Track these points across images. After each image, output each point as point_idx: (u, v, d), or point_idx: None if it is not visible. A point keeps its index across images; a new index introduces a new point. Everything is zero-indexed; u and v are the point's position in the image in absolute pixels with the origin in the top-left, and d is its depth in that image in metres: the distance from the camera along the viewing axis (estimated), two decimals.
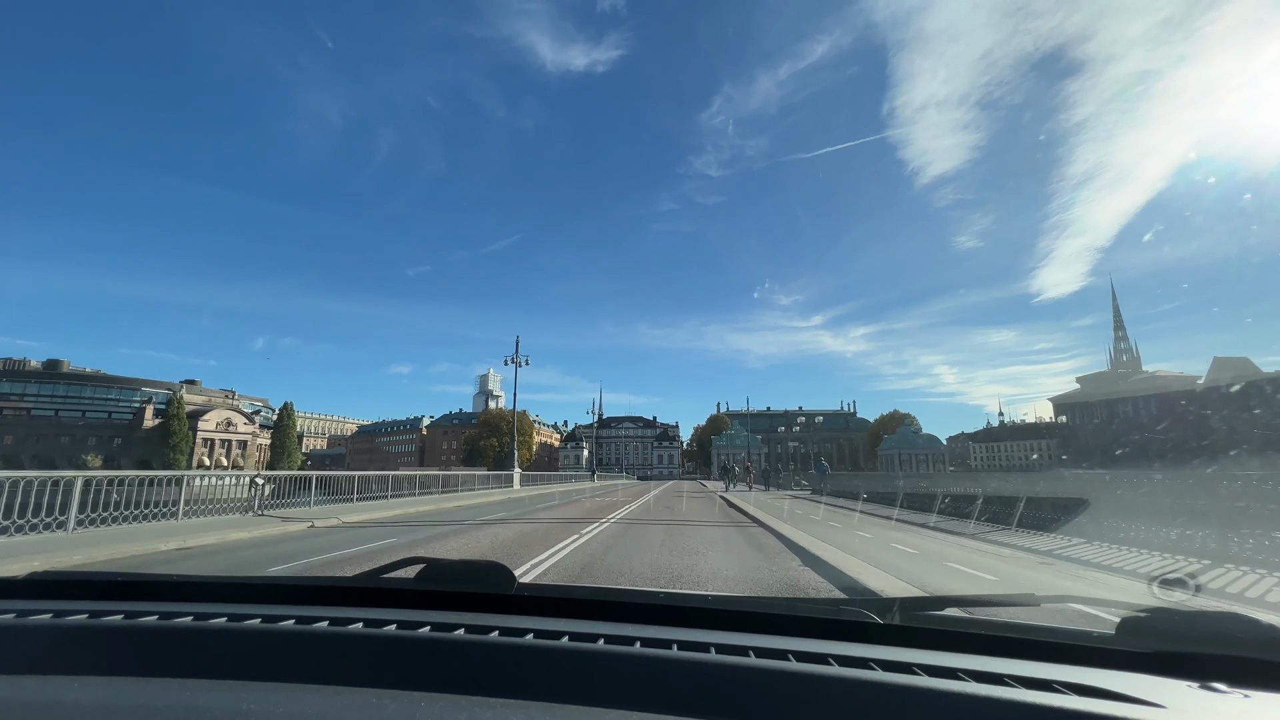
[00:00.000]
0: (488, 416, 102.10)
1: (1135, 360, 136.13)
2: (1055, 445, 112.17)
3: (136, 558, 7.21)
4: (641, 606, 1.15)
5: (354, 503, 15.22)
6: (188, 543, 8.05)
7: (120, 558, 6.98)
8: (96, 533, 8.48)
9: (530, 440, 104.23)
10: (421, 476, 20.40)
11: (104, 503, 8.86)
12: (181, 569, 6.54)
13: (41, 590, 1.25)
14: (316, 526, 10.45)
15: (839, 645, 0.95)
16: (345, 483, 15.58)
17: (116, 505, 9.09)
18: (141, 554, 7.35)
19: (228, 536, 8.79)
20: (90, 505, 8.63)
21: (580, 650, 0.89)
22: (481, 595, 1.18)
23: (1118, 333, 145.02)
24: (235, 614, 1.05)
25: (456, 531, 10.56)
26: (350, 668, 0.88)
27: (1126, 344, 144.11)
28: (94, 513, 8.71)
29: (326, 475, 15.23)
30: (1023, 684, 0.80)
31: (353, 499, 15.42)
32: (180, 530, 8.92)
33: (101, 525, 8.79)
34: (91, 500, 8.64)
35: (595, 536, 9.76)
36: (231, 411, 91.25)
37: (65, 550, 6.85)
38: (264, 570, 6.59)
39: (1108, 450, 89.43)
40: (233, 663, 0.90)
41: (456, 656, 0.90)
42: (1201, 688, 0.82)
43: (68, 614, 1.05)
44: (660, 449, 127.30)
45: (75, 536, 8.04)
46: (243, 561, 7.22)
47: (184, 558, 7.39)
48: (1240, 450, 55.45)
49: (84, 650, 0.96)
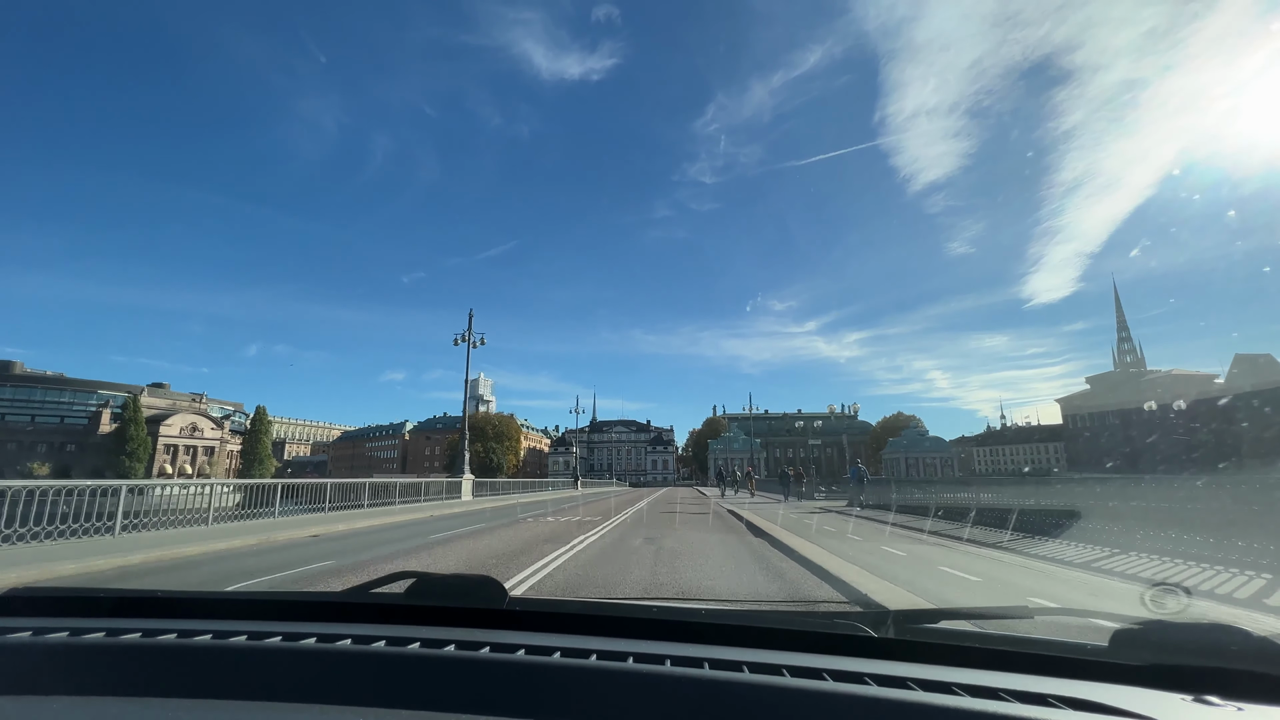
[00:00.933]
0: (472, 420, 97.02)
1: (1140, 362, 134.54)
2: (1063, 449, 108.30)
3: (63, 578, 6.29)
4: (635, 621, 1.14)
5: (326, 512, 13.95)
6: (130, 559, 7.28)
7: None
8: (13, 551, 7.49)
9: (518, 445, 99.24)
10: (372, 485, 17.58)
11: (38, 515, 8.10)
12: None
13: (19, 608, 1.19)
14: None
15: (834, 660, 0.94)
16: (307, 491, 14.35)
17: (63, 518, 8.43)
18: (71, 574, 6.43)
19: (167, 553, 7.86)
20: (22, 519, 7.87)
21: (572, 667, 0.88)
22: (472, 610, 1.16)
23: (1121, 334, 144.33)
24: (221, 630, 1.02)
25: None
26: (338, 686, 0.86)
27: (1130, 345, 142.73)
28: (23, 527, 7.90)
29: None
30: (1017, 698, 0.79)
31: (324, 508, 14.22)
32: (119, 547, 8.04)
33: (27, 542, 7.88)
34: (22, 513, 7.88)
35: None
36: (198, 416, 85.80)
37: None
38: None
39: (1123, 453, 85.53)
40: (218, 681, 0.88)
41: (447, 674, 0.88)
42: (1195, 701, 0.81)
43: (47, 632, 1.02)
44: (655, 454, 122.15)
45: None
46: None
47: (119, 577, 6.69)
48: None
49: (65, 669, 0.93)
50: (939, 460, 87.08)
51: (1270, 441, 61.46)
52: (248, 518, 11.97)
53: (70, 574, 6.44)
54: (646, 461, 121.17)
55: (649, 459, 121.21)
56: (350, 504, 16.12)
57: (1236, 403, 71.03)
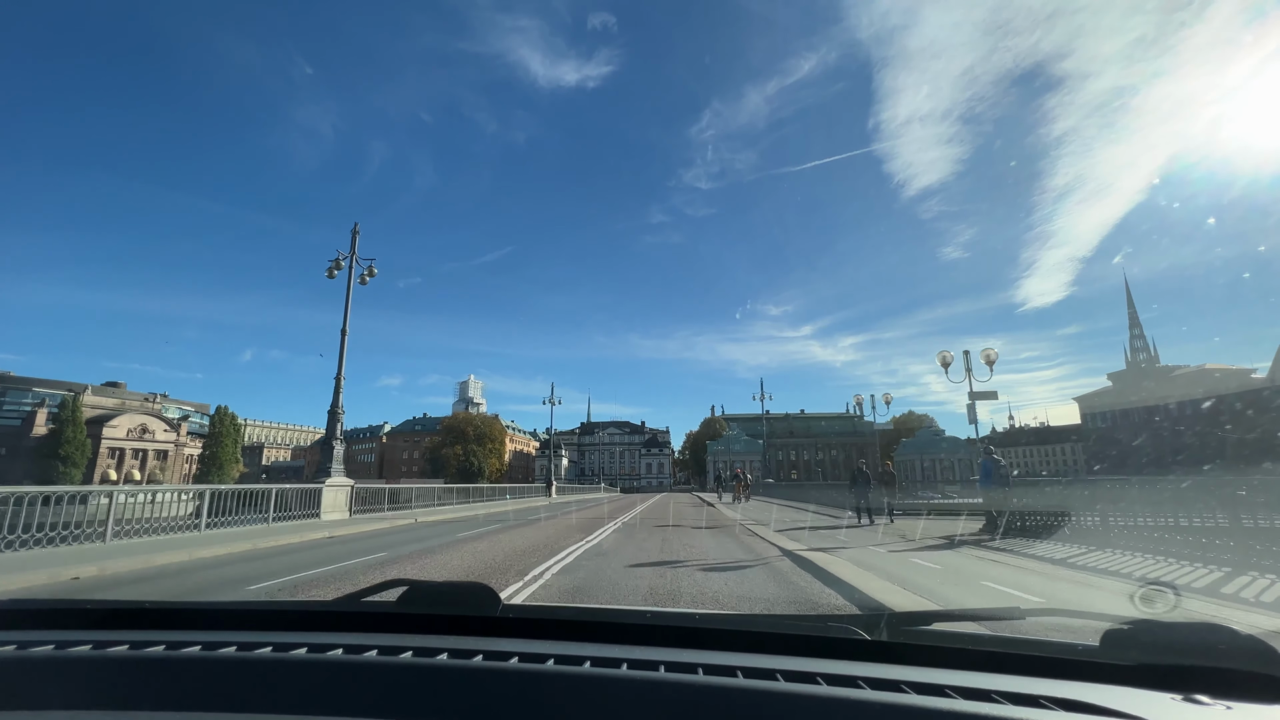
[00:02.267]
0: (452, 421, 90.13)
1: (1154, 359, 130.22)
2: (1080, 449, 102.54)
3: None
4: (628, 627, 1.13)
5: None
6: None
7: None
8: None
9: (501, 448, 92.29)
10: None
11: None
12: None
13: (6, 620, 1.18)
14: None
15: (827, 663, 0.94)
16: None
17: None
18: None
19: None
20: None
21: (566, 673, 0.87)
22: (465, 618, 1.15)
23: (1133, 330, 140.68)
24: (210, 641, 1.01)
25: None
26: (331, 696, 0.85)
27: (1143, 342, 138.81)
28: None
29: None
30: (1010, 700, 0.80)
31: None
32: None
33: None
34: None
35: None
36: (149, 417, 78.48)
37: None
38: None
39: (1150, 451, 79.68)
40: (208, 693, 0.86)
41: (440, 682, 0.87)
42: (1185, 700, 0.82)
43: (33, 645, 1.00)
44: (649, 456, 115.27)
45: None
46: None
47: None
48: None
49: (50, 683, 0.90)
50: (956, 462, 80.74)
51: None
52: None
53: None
54: (640, 465, 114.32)
55: (643, 462, 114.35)
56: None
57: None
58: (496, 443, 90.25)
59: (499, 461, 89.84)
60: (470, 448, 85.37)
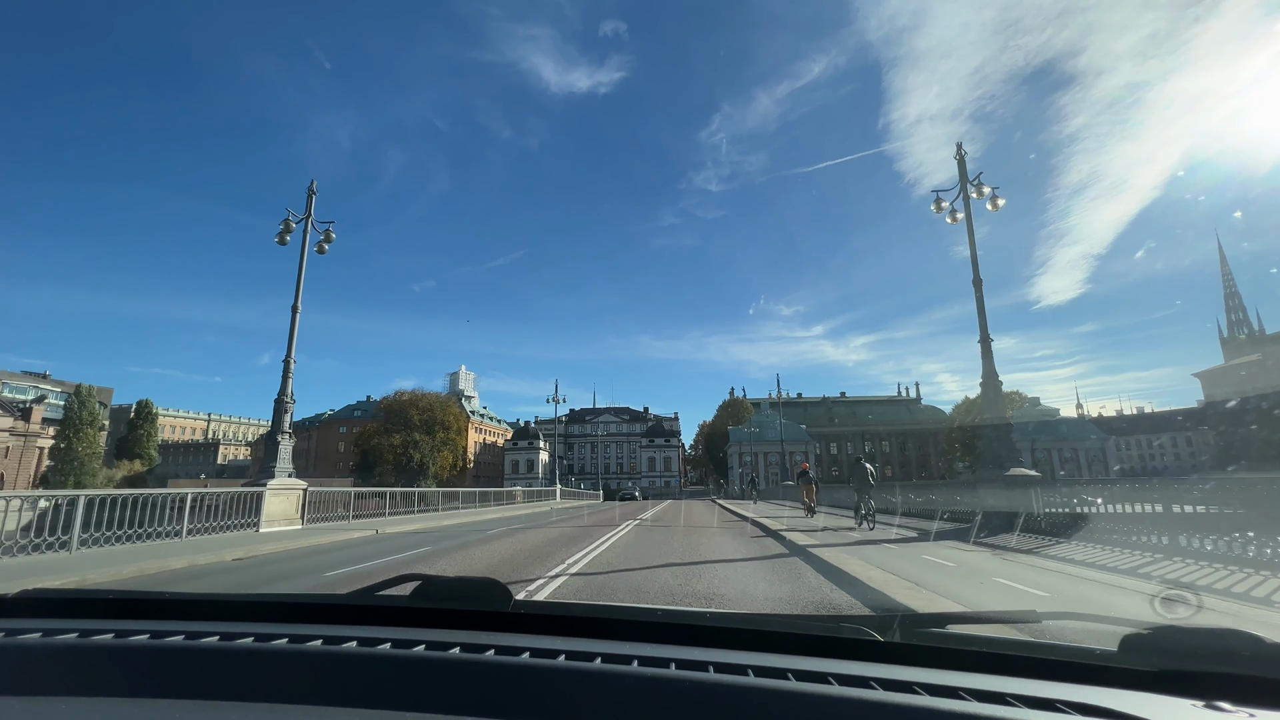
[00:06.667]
0: (392, 402, 67.74)
1: (1260, 333, 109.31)
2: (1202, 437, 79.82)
3: None
4: (640, 624, 1.13)
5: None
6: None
7: None
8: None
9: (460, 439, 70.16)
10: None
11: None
12: None
13: (29, 609, 1.21)
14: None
15: (839, 663, 0.93)
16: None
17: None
18: None
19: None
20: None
21: (577, 670, 0.88)
22: (477, 613, 1.16)
23: (1229, 302, 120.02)
24: (227, 632, 1.02)
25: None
26: (344, 687, 0.87)
27: (1242, 315, 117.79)
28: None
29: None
30: (1025, 703, 0.78)
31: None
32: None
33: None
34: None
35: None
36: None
37: None
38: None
39: None
40: (225, 682, 0.88)
41: (452, 676, 0.88)
42: (1206, 707, 0.79)
43: (57, 633, 1.03)
44: (653, 450, 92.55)
45: None
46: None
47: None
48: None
49: (74, 670, 0.94)
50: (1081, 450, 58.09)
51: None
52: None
53: None
54: (642, 460, 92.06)
55: (645, 456, 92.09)
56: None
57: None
58: (452, 432, 67.89)
59: (453, 456, 67.47)
60: (413, 437, 62.94)
